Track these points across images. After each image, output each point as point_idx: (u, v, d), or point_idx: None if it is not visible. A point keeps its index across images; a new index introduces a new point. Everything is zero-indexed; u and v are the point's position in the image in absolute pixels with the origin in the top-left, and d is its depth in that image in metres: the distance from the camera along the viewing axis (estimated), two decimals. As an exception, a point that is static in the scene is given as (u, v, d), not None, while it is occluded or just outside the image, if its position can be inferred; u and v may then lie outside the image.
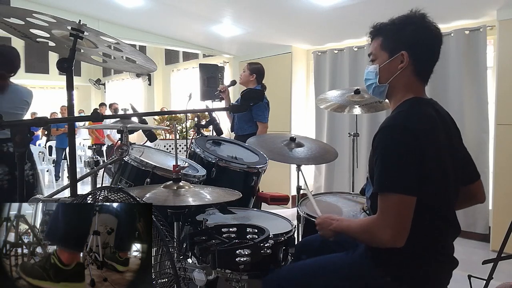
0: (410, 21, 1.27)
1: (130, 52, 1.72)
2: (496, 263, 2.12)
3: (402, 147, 1.15)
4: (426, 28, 1.27)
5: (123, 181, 1.98)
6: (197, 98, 4.46)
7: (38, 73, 11.29)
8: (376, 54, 1.33)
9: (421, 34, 1.26)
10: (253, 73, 3.57)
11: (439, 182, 1.20)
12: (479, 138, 3.90)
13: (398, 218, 1.13)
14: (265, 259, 1.44)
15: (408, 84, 1.29)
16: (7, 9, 1.55)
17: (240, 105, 1.46)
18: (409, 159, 1.14)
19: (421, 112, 1.23)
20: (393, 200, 1.14)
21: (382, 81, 1.32)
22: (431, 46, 1.28)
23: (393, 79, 1.30)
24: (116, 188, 1.11)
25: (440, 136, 1.23)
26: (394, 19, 1.30)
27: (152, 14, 5.00)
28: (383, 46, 1.31)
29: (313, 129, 5.42)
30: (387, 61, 1.29)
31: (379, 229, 1.16)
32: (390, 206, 1.14)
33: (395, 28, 1.29)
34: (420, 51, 1.27)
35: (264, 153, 2.32)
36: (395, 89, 1.32)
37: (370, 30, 1.35)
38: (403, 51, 1.26)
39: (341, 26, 4.61)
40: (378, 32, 1.33)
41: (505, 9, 3.53)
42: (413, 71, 1.28)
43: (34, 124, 1.17)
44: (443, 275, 1.27)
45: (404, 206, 1.14)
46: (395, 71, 1.29)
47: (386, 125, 1.21)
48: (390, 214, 1.14)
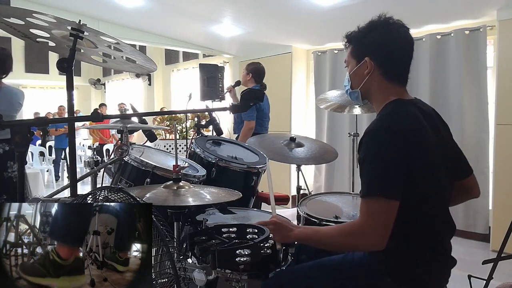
0: (373, 27, 1.30)
1: (130, 52, 1.72)
2: (496, 263, 2.12)
3: (385, 151, 1.16)
4: (389, 32, 1.28)
5: (123, 181, 1.98)
6: (197, 98, 4.46)
7: (38, 73, 11.30)
8: (348, 62, 1.38)
9: (384, 39, 1.28)
10: (250, 72, 3.59)
11: (430, 181, 1.20)
12: (479, 138, 3.90)
13: (381, 222, 1.13)
14: (265, 259, 1.44)
15: (383, 87, 1.31)
16: (7, 9, 1.55)
17: (240, 105, 1.46)
18: (393, 163, 1.14)
19: (404, 113, 1.24)
20: (376, 205, 1.14)
21: (354, 87, 1.37)
22: (396, 49, 1.29)
23: (364, 85, 1.33)
24: (116, 188, 1.11)
25: (427, 134, 1.23)
26: (360, 27, 1.33)
27: (152, 14, 5.00)
28: (352, 54, 1.35)
29: (313, 129, 5.42)
30: (355, 68, 1.34)
31: (363, 233, 1.15)
32: (374, 210, 1.14)
33: (360, 35, 1.32)
34: (384, 55, 1.29)
35: (264, 153, 2.32)
36: (370, 93, 1.34)
37: (343, 39, 1.39)
38: (366, 57, 1.29)
39: (341, 26, 4.56)
40: (349, 40, 1.36)
41: (505, 9, 3.53)
42: (382, 74, 1.30)
43: (34, 124, 1.17)
44: (442, 274, 1.27)
45: (387, 211, 1.13)
46: (363, 77, 1.32)
47: (370, 129, 1.22)
48: (375, 218, 1.14)
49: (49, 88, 12.39)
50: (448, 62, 4.03)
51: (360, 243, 1.17)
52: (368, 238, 1.14)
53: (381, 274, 1.25)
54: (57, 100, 10.03)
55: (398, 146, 1.15)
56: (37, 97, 12.17)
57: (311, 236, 1.29)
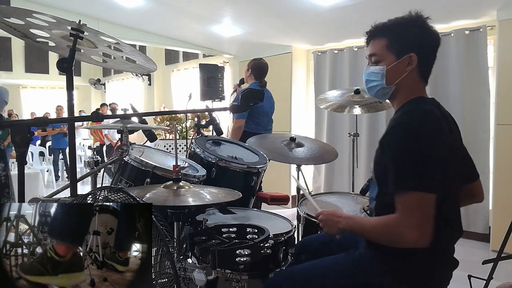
0: (414, 23, 1.28)
1: (130, 52, 1.72)
2: (496, 263, 2.12)
3: (416, 145, 1.15)
4: (429, 29, 1.28)
5: (123, 181, 1.98)
6: (197, 98, 4.46)
7: (38, 73, 11.30)
8: (382, 55, 1.31)
9: (426, 36, 1.28)
10: (250, 69, 3.56)
11: (444, 182, 1.18)
12: (479, 138, 3.90)
13: (421, 217, 1.12)
14: (265, 259, 1.44)
15: (414, 84, 1.30)
16: (7, 9, 1.55)
17: (240, 105, 1.46)
18: (425, 157, 1.14)
19: (428, 110, 1.24)
20: (415, 199, 1.12)
21: (388, 83, 1.31)
22: (435, 47, 1.30)
23: (400, 81, 1.29)
24: (116, 188, 1.11)
25: (446, 134, 1.23)
26: (397, 20, 1.30)
27: (152, 14, 5.00)
28: (389, 48, 1.29)
29: (313, 129, 5.42)
30: (395, 63, 1.29)
31: (404, 229, 1.12)
32: (413, 205, 1.12)
33: (400, 29, 1.28)
34: (425, 52, 1.28)
35: (264, 153, 2.32)
36: (399, 90, 1.31)
37: (371, 30, 1.34)
38: (411, 53, 1.26)
39: (341, 26, 4.61)
40: (382, 32, 1.31)
41: (505, 9, 3.53)
42: (418, 72, 1.29)
43: (34, 124, 1.17)
44: (443, 276, 1.27)
45: (426, 205, 1.12)
46: (402, 73, 1.28)
47: (397, 124, 1.21)
48: (414, 213, 1.12)
49: (49, 88, 12.40)
50: (448, 62, 4.03)
51: (403, 239, 1.13)
52: (411, 233, 1.11)
53: (382, 274, 1.24)
54: (57, 100, 10.02)
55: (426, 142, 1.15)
56: (37, 97, 12.19)
57: (356, 232, 1.29)
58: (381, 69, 1.31)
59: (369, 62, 1.37)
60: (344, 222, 1.30)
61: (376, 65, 1.33)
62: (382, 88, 1.33)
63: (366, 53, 1.38)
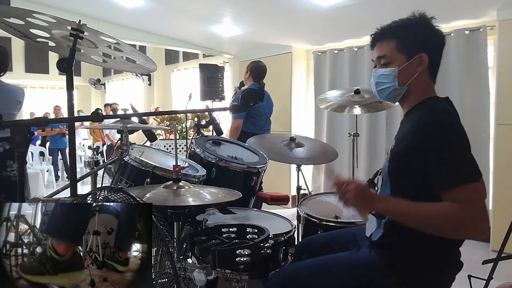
0: (420, 24, 1.28)
1: (130, 52, 1.72)
2: (496, 263, 2.12)
3: (457, 139, 1.18)
4: (435, 29, 1.29)
5: (123, 181, 1.98)
6: (197, 98, 4.46)
7: (38, 73, 11.31)
8: (392, 57, 1.30)
9: (433, 36, 1.29)
10: (248, 71, 3.60)
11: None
12: (479, 138, 3.90)
13: (484, 206, 1.13)
14: (265, 259, 1.44)
15: (424, 84, 1.30)
16: (7, 9, 1.55)
17: (240, 105, 1.46)
18: (465, 150, 1.18)
19: (447, 109, 1.24)
20: (475, 190, 1.13)
21: (401, 84, 1.30)
22: (441, 47, 1.31)
23: (411, 81, 1.29)
24: (116, 188, 1.11)
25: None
26: (403, 21, 1.30)
27: (152, 14, 5.00)
28: (399, 49, 1.29)
29: (313, 129, 5.42)
30: (406, 64, 1.28)
31: (474, 221, 1.10)
32: (475, 196, 1.12)
33: (408, 30, 1.28)
34: (434, 52, 1.29)
35: (264, 153, 2.32)
36: (411, 91, 1.31)
37: (377, 32, 1.33)
38: (422, 53, 1.27)
39: (341, 26, 4.61)
40: (390, 34, 1.30)
41: (505, 9, 3.53)
42: (428, 72, 1.30)
43: (34, 124, 1.17)
44: (449, 276, 1.27)
45: (482, 192, 1.15)
46: (413, 73, 1.28)
47: (424, 124, 1.20)
48: (480, 204, 1.12)
49: (49, 88, 12.40)
50: (448, 62, 4.02)
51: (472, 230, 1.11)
52: (481, 225, 1.11)
53: (386, 274, 1.24)
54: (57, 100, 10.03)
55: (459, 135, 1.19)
56: (37, 97, 12.18)
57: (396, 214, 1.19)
58: (393, 70, 1.30)
59: (376, 64, 1.36)
60: (383, 203, 1.22)
61: (386, 67, 1.31)
62: (395, 90, 1.32)
63: (373, 56, 1.36)
